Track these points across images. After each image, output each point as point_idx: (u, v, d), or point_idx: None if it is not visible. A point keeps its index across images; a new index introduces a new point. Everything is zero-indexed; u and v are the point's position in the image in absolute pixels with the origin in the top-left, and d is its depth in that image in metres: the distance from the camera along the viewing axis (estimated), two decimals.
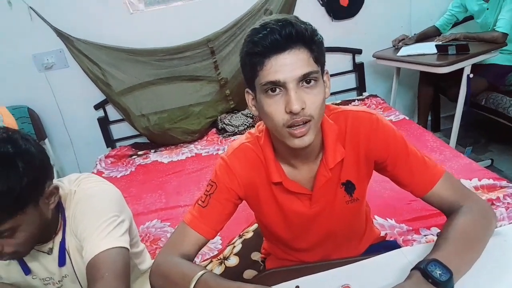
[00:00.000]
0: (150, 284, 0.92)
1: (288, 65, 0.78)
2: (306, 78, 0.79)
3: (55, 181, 0.97)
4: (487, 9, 2.60)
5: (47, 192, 0.88)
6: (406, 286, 0.71)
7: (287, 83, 0.78)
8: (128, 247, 0.93)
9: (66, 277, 1.01)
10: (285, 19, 0.79)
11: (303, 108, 0.79)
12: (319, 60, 0.82)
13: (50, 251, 0.98)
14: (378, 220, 1.64)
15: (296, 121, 0.80)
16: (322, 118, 0.88)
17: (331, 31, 3.03)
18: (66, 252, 0.97)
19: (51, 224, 0.94)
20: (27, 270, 0.99)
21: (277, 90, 0.80)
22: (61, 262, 0.98)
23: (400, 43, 2.88)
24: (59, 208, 0.96)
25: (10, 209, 0.79)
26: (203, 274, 0.84)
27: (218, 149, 2.74)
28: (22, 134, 0.86)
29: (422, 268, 0.74)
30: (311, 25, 0.82)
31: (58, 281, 1.01)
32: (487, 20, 2.64)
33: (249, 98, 0.90)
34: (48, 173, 0.90)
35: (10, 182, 0.77)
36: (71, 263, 0.99)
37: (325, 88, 0.86)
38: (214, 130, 3.01)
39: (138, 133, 3.03)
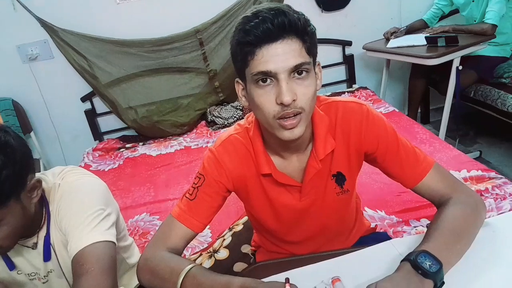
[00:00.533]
0: (138, 279, 0.91)
1: (280, 55, 0.76)
2: (298, 69, 0.78)
3: (38, 174, 0.95)
4: (473, 1, 2.61)
5: (29, 185, 0.86)
6: (396, 278, 0.71)
7: (278, 73, 0.76)
8: (115, 241, 0.91)
9: (51, 272, 0.99)
10: (278, 8, 0.77)
11: (294, 100, 0.77)
12: (311, 51, 0.81)
13: (34, 246, 0.96)
14: (368, 212, 1.64)
15: (287, 113, 0.78)
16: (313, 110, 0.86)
17: (320, 23, 3.01)
18: (51, 246, 0.95)
19: (35, 219, 0.92)
20: (11, 266, 0.96)
21: (268, 80, 0.78)
22: (46, 257, 0.96)
23: (392, 36, 2.87)
24: (43, 202, 0.94)
25: None
26: (191, 268, 0.83)
27: (207, 142, 2.72)
28: (1, 126, 0.84)
29: (412, 260, 0.73)
30: (304, 15, 0.80)
31: (44, 276, 0.99)
32: (472, 13, 2.65)
33: (239, 88, 0.88)
34: (29, 166, 0.87)
35: None
36: (57, 257, 0.97)
37: (317, 80, 0.84)
38: (203, 122, 2.98)
39: (126, 125, 2.99)
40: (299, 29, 0.77)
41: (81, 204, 0.92)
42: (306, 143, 0.92)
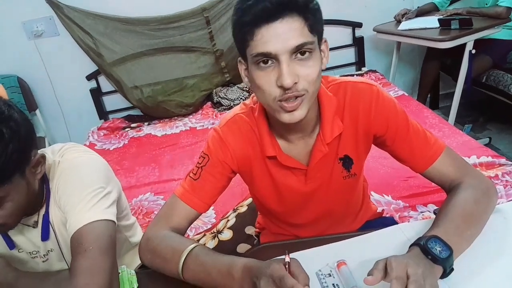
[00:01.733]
0: (140, 258, 0.90)
1: (280, 35, 0.72)
2: (300, 50, 0.74)
3: (38, 151, 0.93)
4: None
5: (33, 161, 0.84)
6: (405, 258, 0.68)
7: (279, 55, 0.73)
8: (115, 220, 0.89)
9: (51, 251, 0.98)
10: None
11: (295, 83, 0.74)
12: (315, 29, 0.76)
13: (35, 224, 0.95)
14: (374, 196, 1.62)
15: (288, 96, 0.75)
16: (319, 90, 0.83)
17: (331, 3, 2.93)
18: (50, 225, 0.94)
19: (37, 196, 0.90)
20: (11, 245, 0.95)
21: (269, 62, 0.74)
22: (44, 235, 0.94)
23: (403, 18, 2.80)
24: (43, 180, 0.92)
25: None
26: (193, 248, 0.81)
27: (213, 123, 2.70)
28: (4, 100, 0.81)
29: (422, 244, 0.71)
30: None
31: (44, 255, 0.98)
32: None
33: (241, 68, 0.85)
34: (33, 141, 0.86)
35: None
36: (56, 236, 0.96)
37: (323, 58, 0.80)
38: (209, 103, 2.95)
39: (131, 105, 2.97)
40: (300, 6, 0.73)
41: (80, 182, 0.90)
42: (312, 125, 0.89)
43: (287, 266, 0.68)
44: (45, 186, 0.92)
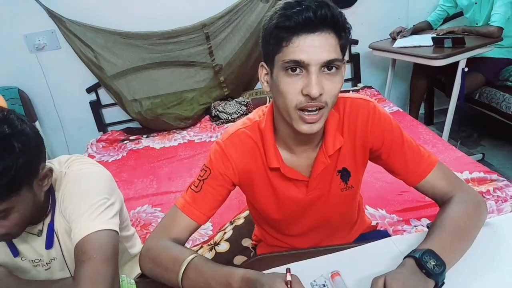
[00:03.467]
0: (140, 268, 0.92)
1: (315, 47, 0.76)
2: (329, 65, 0.78)
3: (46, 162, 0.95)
4: (475, 3, 2.62)
5: (41, 174, 0.87)
6: (404, 272, 0.71)
7: (310, 65, 0.77)
8: (118, 230, 0.92)
9: (54, 259, 1.00)
10: (322, 1, 0.76)
11: (321, 94, 0.78)
12: (344, 50, 0.81)
13: (39, 233, 0.97)
14: (369, 210, 1.64)
15: (310, 105, 0.78)
16: None
17: None
18: (54, 234, 0.96)
19: (42, 206, 0.93)
20: (15, 252, 0.98)
21: (298, 70, 0.78)
22: (48, 244, 0.96)
23: (398, 36, 2.86)
24: (49, 190, 0.94)
25: (5, 191, 0.78)
26: (193, 258, 0.83)
27: (211, 136, 2.72)
28: (17, 114, 0.84)
29: (417, 258, 0.73)
30: (342, 12, 0.80)
31: (46, 263, 1.00)
32: (475, 15, 2.66)
33: (262, 72, 0.88)
34: (42, 155, 0.88)
35: (6, 162, 0.76)
36: (60, 245, 0.98)
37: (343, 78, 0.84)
38: (207, 117, 2.98)
39: (130, 117, 3.00)
40: (339, 24, 0.77)
41: (85, 192, 0.93)
42: (319, 138, 0.93)
43: (289, 285, 0.70)
44: (50, 196, 0.95)
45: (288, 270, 0.73)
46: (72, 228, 0.90)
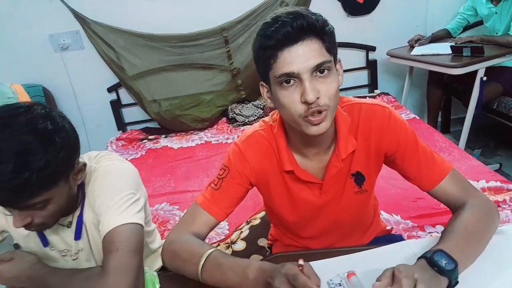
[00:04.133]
0: (162, 260, 0.96)
1: (301, 56, 0.79)
2: (319, 68, 0.81)
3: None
4: (496, 13, 2.60)
5: (76, 168, 0.92)
6: (413, 269, 0.73)
7: (301, 73, 0.79)
8: (143, 224, 0.96)
9: (81, 250, 1.05)
10: (295, 11, 0.80)
11: (318, 98, 0.80)
12: (331, 50, 0.83)
13: (69, 225, 1.02)
14: (384, 215, 1.66)
15: (312, 111, 0.81)
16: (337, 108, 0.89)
17: (346, 27, 3.03)
18: (83, 226, 1.01)
19: (73, 199, 0.98)
20: (45, 242, 1.03)
21: (292, 81, 0.81)
22: (77, 235, 1.02)
23: (416, 43, 2.87)
24: (80, 184, 0.99)
25: (47, 183, 0.83)
26: (213, 251, 0.87)
27: (227, 138, 2.77)
28: (58, 111, 0.90)
29: (428, 257, 0.76)
30: (321, 15, 0.83)
31: (74, 253, 1.05)
32: (495, 25, 2.65)
33: (264, 91, 0.92)
34: (78, 150, 0.93)
35: (49, 156, 0.81)
36: (87, 237, 1.03)
37: (338, 76, 0.87)
38: (224, 119, 3.03)
39: (149, 117, 3.07)
40: (317, 29, 0.80)
41: (114, 187, 0.97)
42: (329, 142, 0.95)
43: (300, 268, 0.73)
44: (81, 190, 1.00)
45: (301, 259, 0.76)
46: (100, 220, 0.94)
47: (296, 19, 0.78)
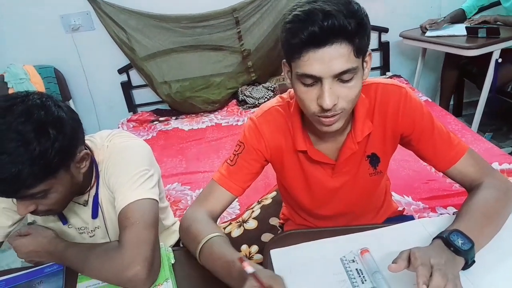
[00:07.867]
0: (179, 233, 0.98)
1: (326, 60, 0.73)
2: (342, 75, 0.76)
3: (87, 137, 1.00)
4: None
5: (78, 157, 0.90)
6: (429, 249, 0.73)
7: (323, 78, 0.76)
8: (158, 199, 0.97)
9: (98, 228, 1.07)
10: (329, 11, 0.71)
11: (335, 104, 0.78)
12: (361, 51, 0.77)
13: (85, 203, 1.03)
14: (395, 196, 1.65)
15: (326, 115, 0.80)
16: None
17: None
18: (99, 204, 1.02)
19: (86, 180, 0.98)
20: (64, 221, 1.04)
21: (311, 81, 0.78)
22: (94, 214, 1.03)
23: (428, 27, 2.78)
24: (93, 164, 1.00)
25: (41, 174, 0.81)
26: (212, 237, 0.86)
27: (237, 120, 2.77)
28: (55, 100, 0.86)
29: (444, 237, 0.75)
30: (358, 11, 0.75)
31: (91, 230, 1.07)
32: None
33: (285, 69, 0.88)
34: (79, 139, 0.91)
35: (41, 147, 0.78)
36: (103, 215, 1.04)
37: (364, 69, 0.83)
38: (234, 101, 3.03)
39: (160, 99, 3.07)
40: (348, 33, 0.73)
41: (128, 164, 0.98)
42: (345, 125, 0.94)
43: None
44: (94, 169, 1.00)
45: (241, 259, 0.73)
46: (115, 197, 0.96)
47: (328, 19, 0.71)
